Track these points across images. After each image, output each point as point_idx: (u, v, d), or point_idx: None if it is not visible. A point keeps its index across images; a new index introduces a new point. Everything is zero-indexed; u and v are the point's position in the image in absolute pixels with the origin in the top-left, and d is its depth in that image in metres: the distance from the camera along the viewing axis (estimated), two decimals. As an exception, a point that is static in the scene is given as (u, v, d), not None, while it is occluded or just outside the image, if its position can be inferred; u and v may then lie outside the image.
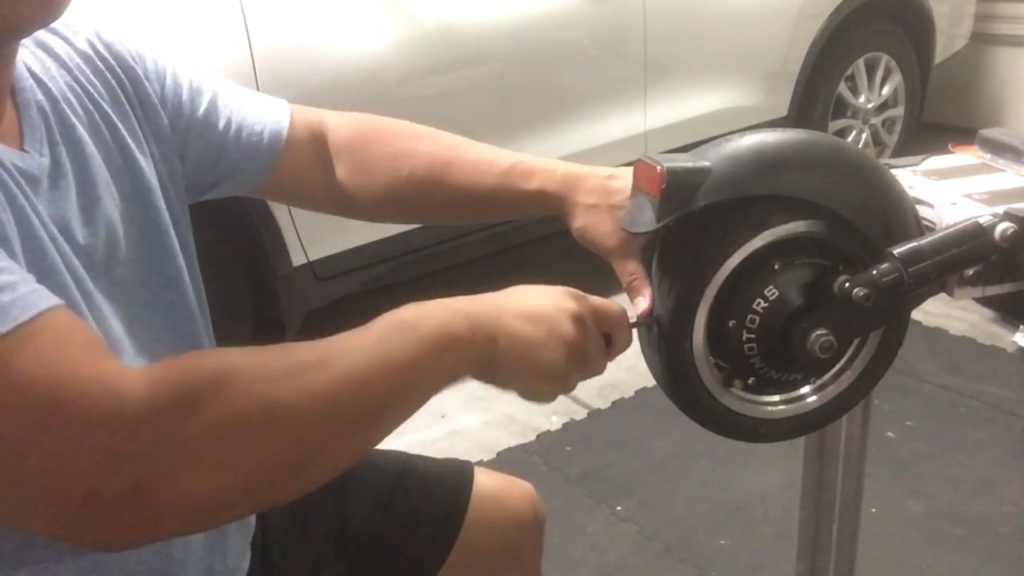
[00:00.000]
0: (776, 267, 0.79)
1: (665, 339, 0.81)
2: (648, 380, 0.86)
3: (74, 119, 0.78)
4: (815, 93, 3.47)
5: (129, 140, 0.83)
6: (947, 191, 1.01)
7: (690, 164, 0.76)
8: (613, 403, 2.48)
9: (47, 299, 0.59)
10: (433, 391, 0.69)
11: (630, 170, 0.84)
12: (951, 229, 0.81)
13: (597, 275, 1.07)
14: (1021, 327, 2.62)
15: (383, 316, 0.68)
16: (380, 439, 0.67)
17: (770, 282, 0.79)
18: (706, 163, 0.76)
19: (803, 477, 1.18)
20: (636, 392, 2.49)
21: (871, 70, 3.68)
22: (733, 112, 3.21)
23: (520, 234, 2.85)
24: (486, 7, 2.63)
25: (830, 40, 3.41)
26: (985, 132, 1.14)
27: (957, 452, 2.20)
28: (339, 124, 1.00)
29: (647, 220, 0.77)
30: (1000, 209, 0.87)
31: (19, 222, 0.66)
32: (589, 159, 1.87)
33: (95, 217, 0.77)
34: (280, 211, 2.31)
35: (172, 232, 0.86)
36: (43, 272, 0.67)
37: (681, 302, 0.79)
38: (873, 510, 1.96)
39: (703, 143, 0.81)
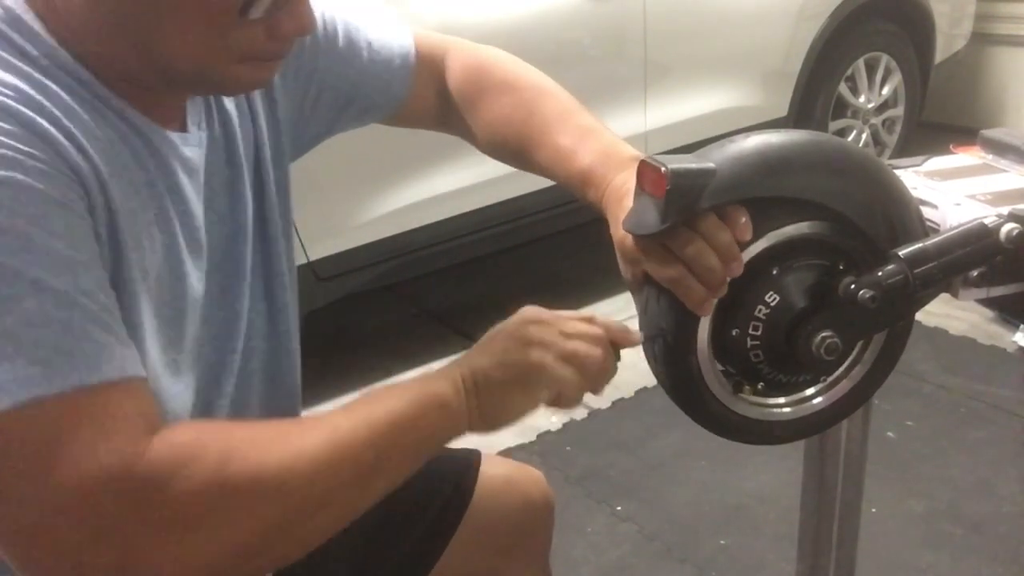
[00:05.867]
0: (780, 269, 0.79)
1: (670, 351, 0.81)
2: (648, 380, 0.86)
3: None
4: (815, 93, 3.47)
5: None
6: (950, 192, 1.01)
7: (694, 165, 0.75)
8: (613, 403, 2.47)
9: (134, 367, 0.61)
10: (424, 450, 0.72)
11: None
12: (956, 230, 0.80)
13: (597, 276, 1.06)
14: (1021, 327, 2.62)
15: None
16: (369, 502, 0.69)
17: (774, 284, 0.78)
18: (710, 164, 0.76)
19: (803, 477, 1.17)
20: (636, 392, 2.48)
21: (871, 70, 3.68)
22: (733, 112, 3.21)
23: (520, 234, 2.84)
24: (486, 7, 2.62)
25: (830, 40, 3.41)
26: (987, 133, 1.14)
27: (957, 452, 2.20)
28: (453, 68, 1.02)
29: (651, 222, 0.77)
30: (1004, 210, 0.87)
31: (182, 218, 0.73)
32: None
33: (237, 186, 0.81)
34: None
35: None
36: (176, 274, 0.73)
37: (685, 307, 0.79)
38: (873, 510, 1.96)
39: (703, 143, 0.81)
